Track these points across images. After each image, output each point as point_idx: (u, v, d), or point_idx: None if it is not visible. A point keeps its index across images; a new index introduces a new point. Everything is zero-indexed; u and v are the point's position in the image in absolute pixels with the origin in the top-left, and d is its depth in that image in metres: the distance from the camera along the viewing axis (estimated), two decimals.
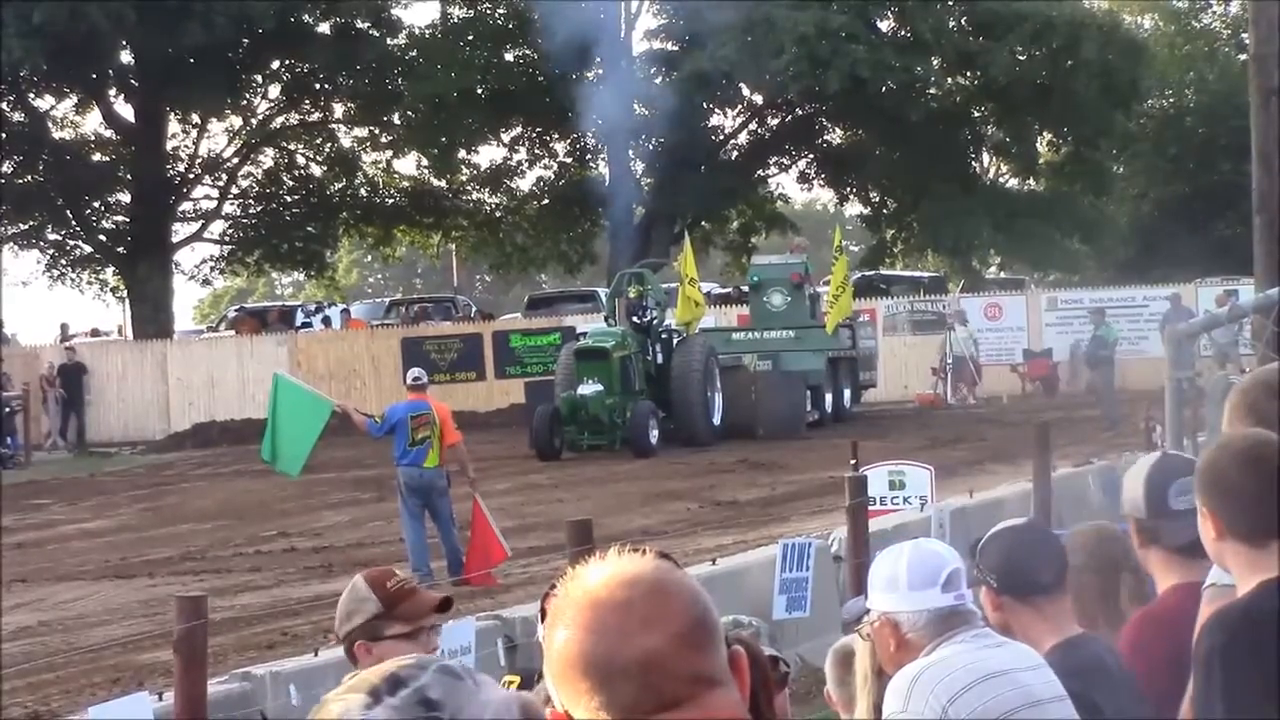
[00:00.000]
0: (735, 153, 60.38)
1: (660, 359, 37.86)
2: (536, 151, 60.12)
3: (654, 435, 35.84)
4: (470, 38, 58.02)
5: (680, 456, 34.89)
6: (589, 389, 35.72)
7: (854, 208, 67.81)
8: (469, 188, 61.06)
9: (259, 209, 61.01)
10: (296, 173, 61.02)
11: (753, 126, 60.53)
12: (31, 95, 57.09)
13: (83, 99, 58.11)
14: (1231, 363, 36.20)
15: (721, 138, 60.07)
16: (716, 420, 37.77)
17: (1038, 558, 6.00)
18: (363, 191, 61.15)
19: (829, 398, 41.03)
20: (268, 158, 61.15)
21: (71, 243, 59.75)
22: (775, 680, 5.19)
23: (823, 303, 42.60)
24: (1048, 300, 51.78)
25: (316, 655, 12.86)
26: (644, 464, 34.05)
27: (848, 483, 14.57)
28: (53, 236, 59.67)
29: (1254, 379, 6.26)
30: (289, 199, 60.85)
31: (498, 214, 60.96)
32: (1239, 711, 4.83)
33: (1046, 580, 5.97)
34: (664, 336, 38.40)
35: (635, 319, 37.95)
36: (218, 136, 60.54)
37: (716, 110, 59.22)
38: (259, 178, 61.10)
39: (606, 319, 39.54)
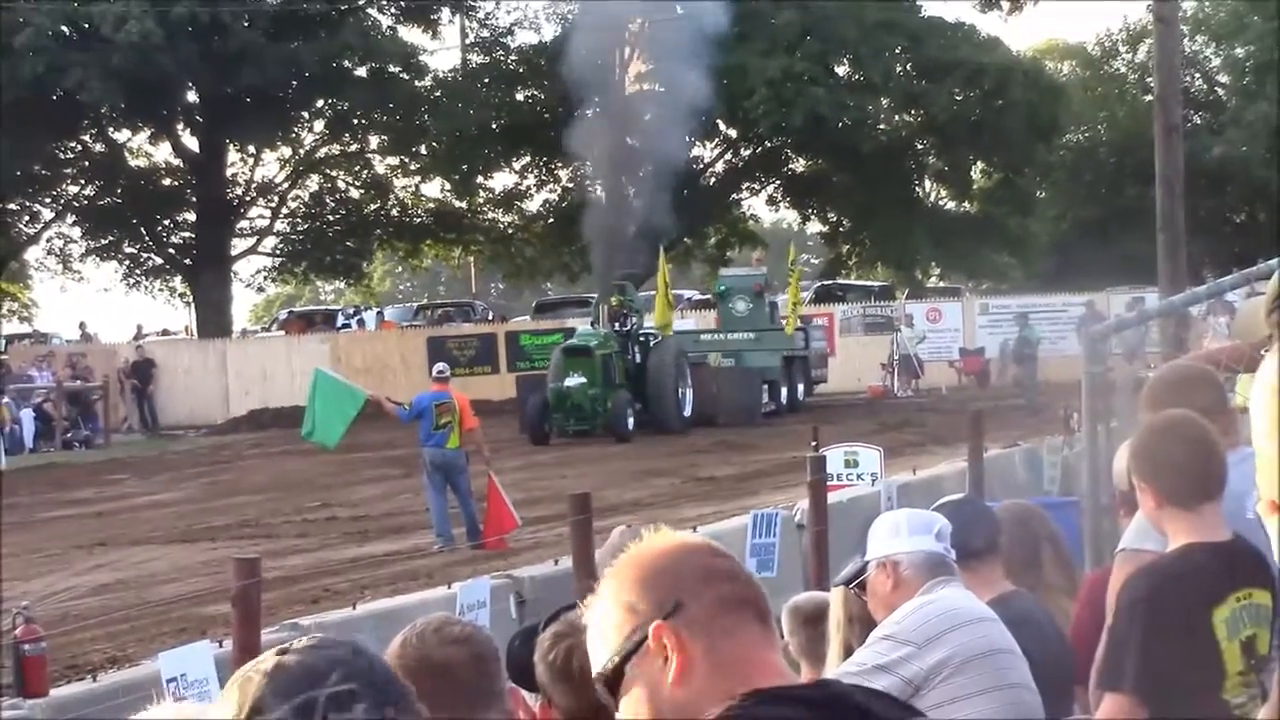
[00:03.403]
0: (713, 179, 60.41)
1: (638, 359, 37.66)
2: (543, 177, 60.13)
3: (630, 423, 35.69)
4: (487, 80, 58.01)
5: (665, 440, 34.82)
6: (574, 381, 35.53)
7: (815, 226, 68.06)
8: (485, 208, 61.08)
9: (306, 226, 61.00)
10: (338, 195, 61.02)
11: (728, 156, 60.56)
12: (111, 129, 57.08)
13: (154, 132, 58.05)
14: (1139, 359, 36.23)
15: (701, 166, 60.07)
16: (687, 412, 37.62)
17: (972, 527, 5.97)
18: (394, 212, 61.10)
19: (784, 391, 40.99)
20: (313, 183, 61.13)
21: (145, 255, 59.76)
22: None
23: (781, 308, 42.93)
24: (980, 306, 51.83)
25: (354, 609, 12.84)
26: (634, 446, 33.99)
27: (809, 462, 14.52)
28: (128, 250, 59.70)
29: (1156, 376, 6.28)
30: (331, 218, 60.85)
31: (510, 231, 60.97)
32: (1152, 660, 4.82)
33: (979, 546, 5.95)
34: (641, 339, 38.18)
35: (617, 324, 37.84)
36: (270, 164, 60.60)
37: (697, 143, 59.19)
38: (306, 200, 61.10)
39: (592, 323, 39.39)
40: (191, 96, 56.10)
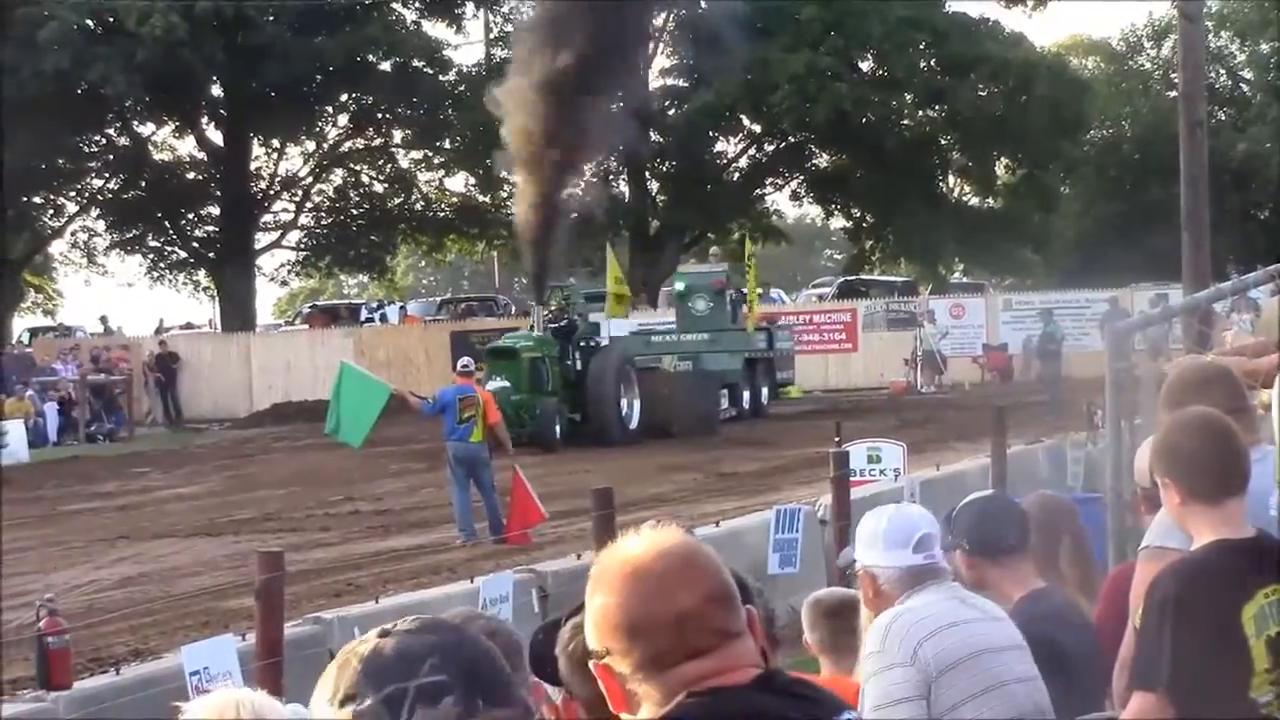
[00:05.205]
0: (736, 174, 60.34)
1: (580, 365, 35.05)
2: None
3: (559, 432, 33.27)
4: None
5: (679, 438, 34.37)
6: (495, 385, 32.44)
7: (838, 222, 67.96)
8: (509, 203, 61.01)
9: (329, 221, 61.06)
10: (362, 190, 61.09)
11: (752, 152, 60.48)
12: (135, 123, 57.20)
13: (179, 126, 58.22)
14: (1162, 356, 36.11)
15: (725, 161, 60.02)
16: (634, 423, 34.90)
17: (1003, 523, 5.98)
18: (418, 206, 61.16)
19: (746, 396, 38.95)
20: (337, 177, 61.20)
21: (169, 249, 59.91)
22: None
23: (744, 306, 41.39)
24: (1004, 301, 51.72)
25: (377, 602, 12.84)
26: (657, 441, 33.72)
27: (832, 457, 14.54)
28: (153, 244, 59.84)
29: (1175, 374, 6.28)
30: (355, 212, 60.92)
31: None
32: (1184, 659, 4.81)
33: (1011, 542, 5.95)
34: (584, 344, 35.65)
35: (555, 326, 35.53)
36: (294, 159, 60.66)
37: (721, 138, 59.17)
38: (330, 194, 61.16)
39: (531, 327, 36.60)
40: (216, 91, 56.19)
